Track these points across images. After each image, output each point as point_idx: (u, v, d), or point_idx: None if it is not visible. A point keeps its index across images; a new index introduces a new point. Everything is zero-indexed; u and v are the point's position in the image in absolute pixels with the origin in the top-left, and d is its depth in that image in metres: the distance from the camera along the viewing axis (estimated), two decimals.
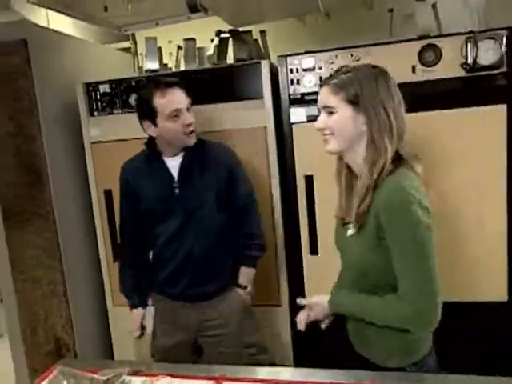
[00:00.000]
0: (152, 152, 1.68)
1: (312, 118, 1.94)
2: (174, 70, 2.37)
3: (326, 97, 1.18)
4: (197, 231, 1.66)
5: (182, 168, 1.65)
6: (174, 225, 1.66)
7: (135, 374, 1.24)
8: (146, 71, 2.20)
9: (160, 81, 1.61)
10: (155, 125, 1.59)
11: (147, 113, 1.58)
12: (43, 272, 2.09)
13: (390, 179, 1.12)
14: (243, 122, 2.02)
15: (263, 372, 1.29)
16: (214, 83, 2.05)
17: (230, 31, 2.14)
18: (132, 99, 2.09)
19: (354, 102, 1.14)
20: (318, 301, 1.32)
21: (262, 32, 2.31)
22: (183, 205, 1.65)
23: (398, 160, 1.15)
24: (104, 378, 1.20)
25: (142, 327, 1.76)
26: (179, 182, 1.65)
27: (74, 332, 2.14)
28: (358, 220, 1.17)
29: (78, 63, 2.26)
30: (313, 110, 1.94)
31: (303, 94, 1.95)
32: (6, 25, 2.01)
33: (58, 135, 2.11)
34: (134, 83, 2.12)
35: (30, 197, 2.05)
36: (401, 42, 1.85)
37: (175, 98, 1.57)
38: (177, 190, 1.65)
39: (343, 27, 2.61)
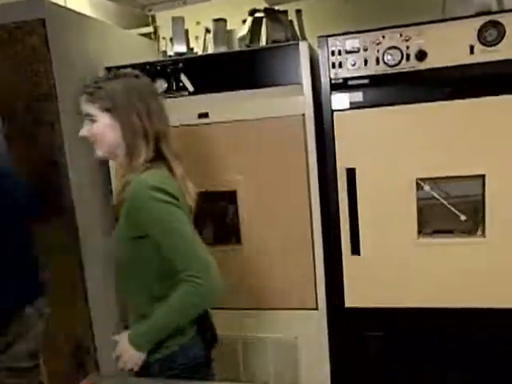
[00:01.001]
0: None
1: (356, 106, 1.78)
2: (200, 54, 2.20)
3: (85, 105, 1.27)
4: None
5: None
6: None
7: None
8: (173, 55, 2.03)
9: None
10: None
11: None
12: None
13: (139, 176, 1.19)
14: (279, 110, 1.85)
15: None
16: (246, 67, 1.87)
17: (265, 10, 1.97)
18: (157, 84, 1.94)
19: (110, 110, 1.23)
20: (122, 348, 1.27)
21: (298, 11, 2.12)
22: None
23: (157, 159, 1.24)
24: None
25: None
26: None
27: (95, 336, 1.99)
28: (115, 215, 1.26)
29: (98, 47, 2.10)
30: (357, 96, 1.77)
31: (346, 79, 1.78)
32: (23, 4, 1.86)
33: (77, 123, 1.96)
34: (159, 67, 1.96)
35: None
36: (457, 19, 1.67)
37: None
38: None
39: (390, 4, 2.39)
